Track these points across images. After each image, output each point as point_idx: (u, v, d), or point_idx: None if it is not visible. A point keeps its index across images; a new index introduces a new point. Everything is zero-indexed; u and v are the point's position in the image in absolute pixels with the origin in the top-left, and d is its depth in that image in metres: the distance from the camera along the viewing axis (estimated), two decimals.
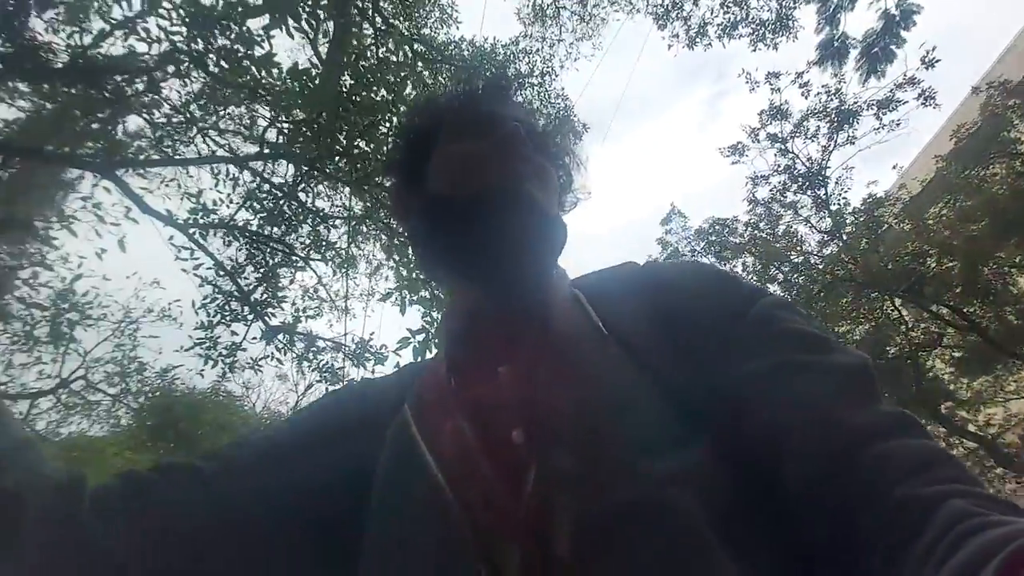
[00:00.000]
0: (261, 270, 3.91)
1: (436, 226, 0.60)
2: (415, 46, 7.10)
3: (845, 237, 9.40)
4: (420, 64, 7.35)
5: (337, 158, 3.33)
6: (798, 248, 9.87)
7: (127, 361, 6.20)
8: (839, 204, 9.43)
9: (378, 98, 3.30)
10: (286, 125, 3.30)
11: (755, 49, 6.85)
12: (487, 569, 0.42)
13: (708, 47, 6.74)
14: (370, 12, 6.83)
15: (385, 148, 3.51)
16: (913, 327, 9.04)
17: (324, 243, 3.89)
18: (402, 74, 3.27)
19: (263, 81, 3.10)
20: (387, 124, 3.37)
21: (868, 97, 8.71)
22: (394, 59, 3.50)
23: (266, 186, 3.66)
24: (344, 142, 3.33)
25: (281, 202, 3.69)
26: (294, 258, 3.87)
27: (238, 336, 3.87)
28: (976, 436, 8.81)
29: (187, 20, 2.93)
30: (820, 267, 9.28)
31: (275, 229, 3.76)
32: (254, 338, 3.94)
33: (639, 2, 7.15)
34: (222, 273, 3.65)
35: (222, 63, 2.99)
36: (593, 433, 0.46)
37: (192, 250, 3.54)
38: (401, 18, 7.25)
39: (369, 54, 3.64)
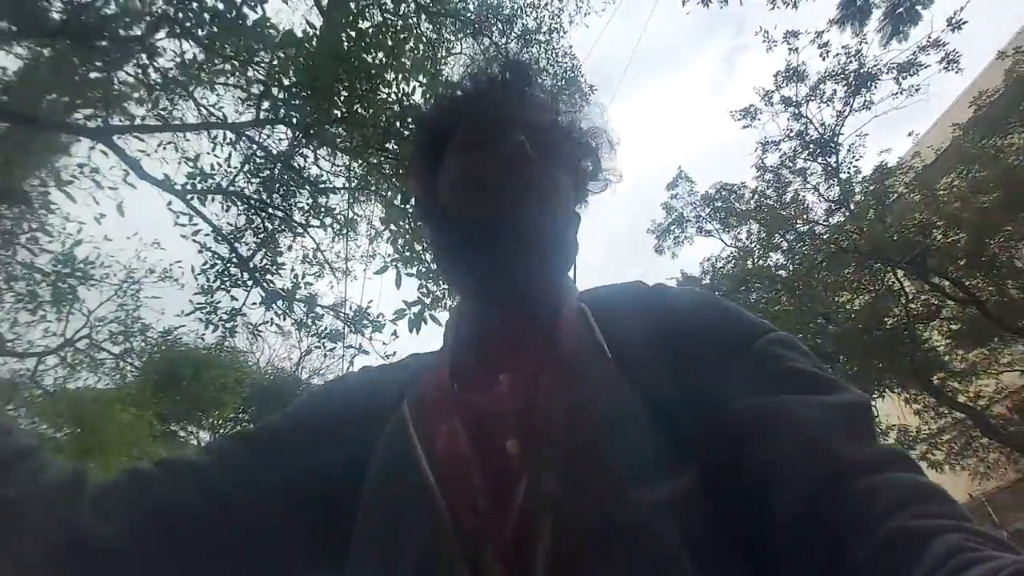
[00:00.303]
0: (260, 235, 3.89)
1: (443, 237, 0.62)
2: None
3: (853, 206, 9.25)
4: (424, 17, 7.05)
5: (335, 124, 3.24)
6: (804, 216, 9.74)
7: (130, 321, 6.27)
8: (849, 173, 9.23)
9: (376, 61, 3.18)
10: (281, 92, 3.20)
11: (773, 6, 6.52)
12: (471, 573, 0.42)
13: (724, 4, 6.41)
14: None
15: (385, 113, 3.41)
16: (913, 299, 9.03)
17: (323, 209, 3.85)
18: (402, 36, 3.14)
19: (258, 48, 2.98)
20: (386, 88, 3.26)
21: (889, 60, 8.36)
22: (393, 20, 3.33)
23: (262, 152, 3.59)
24: (343, 107, 3.23)
25: (278, 169, 3.62)
26: (293, 224, 3.85)
27: (238, 301, 3.92)
28: (965, 407, 8.97)
29: None
30: (824, 237, 9.18)
31: (274, 195, 3.71)
32: (254, 303, 3.99)
33: None
34: (220, 239, 3.64)
35: (214, 29, 2.86)
36: (586, 452, 0.46)
37: (190, 215, 3.52)
38: None
39: (367, 14, 3.49)
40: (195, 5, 2.76)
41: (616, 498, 0.43)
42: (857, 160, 9.21)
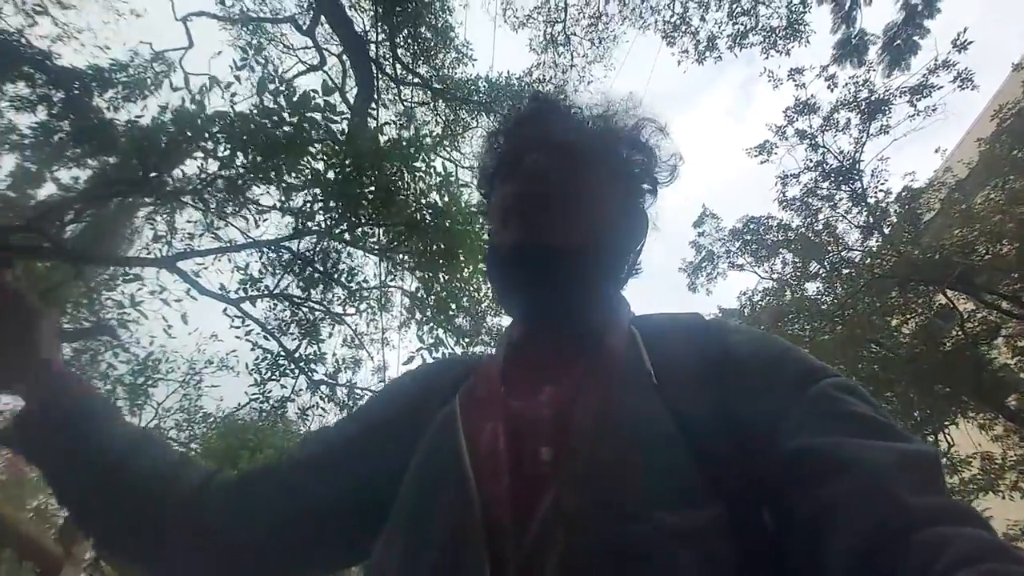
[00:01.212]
0: (303, 327, 4.34)
1: (488, 262, 0.69)
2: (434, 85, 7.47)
3: (886, 230, 9.06)
4: (441, 103, 7.71)
5: (362, 227, 3.70)
6: (837, 243, 9.56)
7: (193, 409, 6.88)
8: (876, 197, 9.10)
9: (395, 170, 3.62)
10: (316, 203, 3.71)
11: (767, 57, 6.78)
12: (492, 566, 0.43)
13: (718, 60, 6.73)
14: (390, 60, 7.25)
15: (405, 213, 3.83)
16: (968, 318, 8.60)
17: (358, 298, 4.30)
18: (412, 149, 3.58)
19: (303, 167, 3.49)
20: (405, 191, 3.69)
21: (900, 84, 8.39)
22: (407, 136, 3.80)
23: (300, 258, 4.10)
24: (368, 211, 3.68)
25: (313, 271, 4.10)
26: (331, 314, 4.29)
27: (287, 389, 4.35)
28: None
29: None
30: (861, 263, 8.98)
31: (311, 292, 4.19)
32: (300, 389, 4.41)
33: (648, 19, 7.20)
34: (268, 337, 4.13)
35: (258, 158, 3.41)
36: (612, 468, 0.47)
37: (243, 318, 4.04)
38: (420, 62, 7.63)
39: (384, 130, 4.01)
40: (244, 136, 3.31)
41: (636, 518, 0.44)
42: (882, 184, 9.08)
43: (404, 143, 3.55)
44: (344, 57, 7.13)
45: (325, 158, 3.47)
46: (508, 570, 0.43)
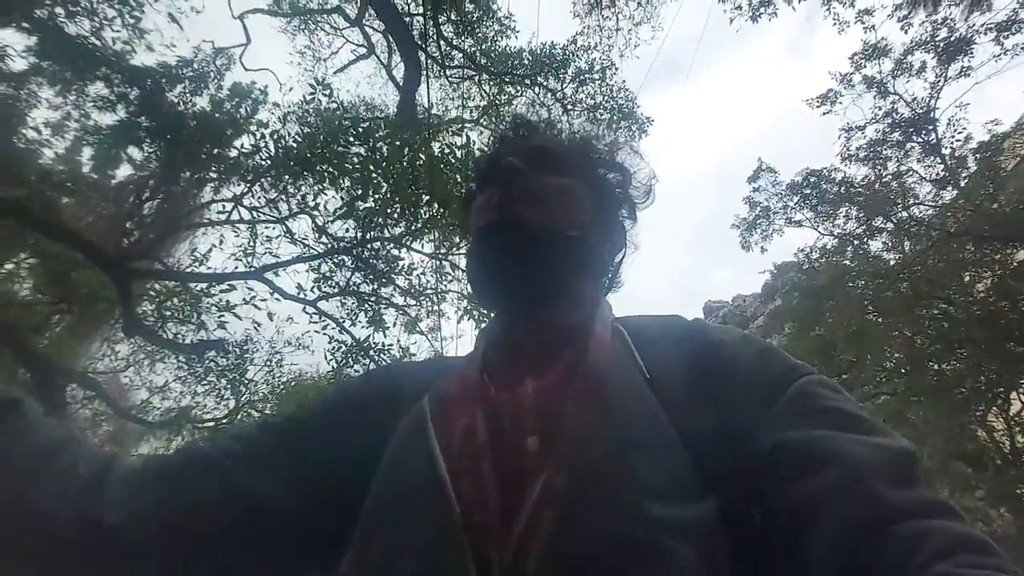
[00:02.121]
0: (369, 316, 4.83)
1: (467, 258, 0.69)
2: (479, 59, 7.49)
3: (963, 183, 8.44)
4: (485, 77, 7.74)
5: (421, 230, 4.06)
6: (906, 198, 9.02)
7: (279, 386, 7.80)
8: (952, 147, 8.43)
9: (449, 178, 3.88)
10: (377, 208, 4.07)
11: (829, 10, 6.31)
12: (476, 568, 0.42)
13: (773, 16, 6.33)
14: (434, 37, 7.30)
15: (459, 213, 4.09)
16: None
17: (416, 292, 4.72)
18: (463, 154, 3.79)
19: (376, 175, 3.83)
20: (457, 197, 3.95)
21: (985, 21, 7.57)
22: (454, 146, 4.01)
23: (361, 262, 4.54)
24: (424, 215, 3.99)
25: (375, 271, 4.52)
26: (395, 305, 4.74)
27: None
28: None
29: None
30: (932, 219, 8.47)
31: (377, 287, 4.64)
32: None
33: None
34: (342, 331, 4.65)
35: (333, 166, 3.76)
36: (608, 461, 0.46)
37: (319, 314, 4.57)
38: (464, 37, 7.63)
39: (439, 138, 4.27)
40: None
41: (629, 510, 0.43)
42: (959, 133, 8.38)
43: (457, 149, 3.78)
44: (390, 39, 7.26)
45: (383, 173, 3.77)
46: (493, 569, 0.42)
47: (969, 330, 8.34)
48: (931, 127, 8.40)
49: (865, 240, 9.59)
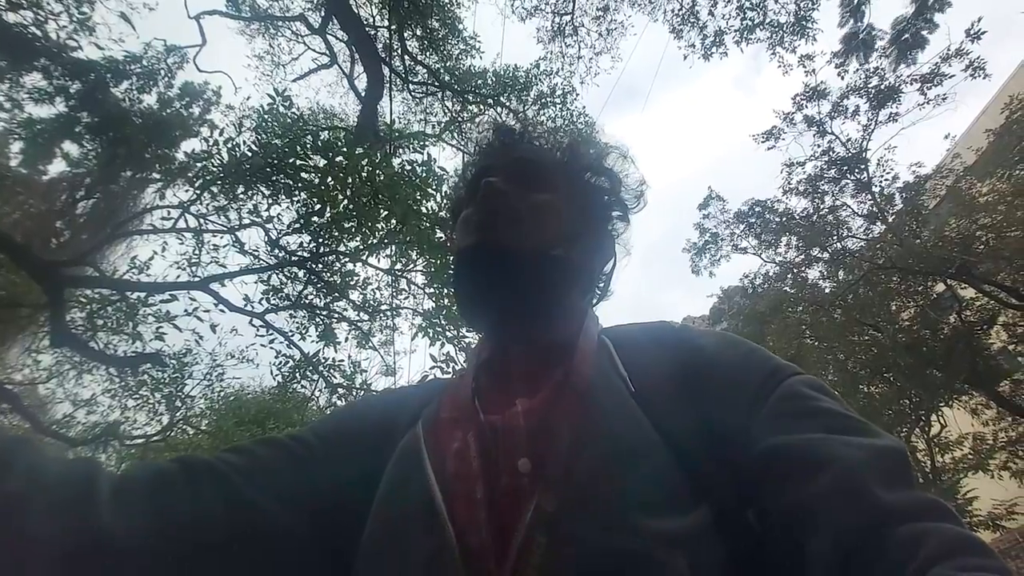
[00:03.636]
0: (320, 330, 4.68)
1: (453, 279, 0.68)
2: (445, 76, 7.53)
3: (890, 219, 9.13)
4: (448, 94, 7.78)
5: (376, 246, 3.98)
6: (840, 230, 9.65)
7: (218, 400, 7.40)
8: (880, 186, 9.13)
9: (408, 193, 3.85)
10: (332, 223, 3.98)
11: (774, 54, 6.76)
12: None
13: (724, 56, 6.71)
14: (399, 52, 7.30)
15: (417, 230, 4.07)
16: (967, 306, 8.77)
17: (370, 307, 4.62)
18: (424, 172, 3.79)
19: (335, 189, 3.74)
20: (416, 214, 3.93)
21: (911, 72, 8.29)
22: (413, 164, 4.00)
23: (314, 275, 4.42)
24: (381, 229, 3.94)
25: (328, 286, 4.41)
26: (347, 320, 4.62)
27: (307, 390, 4.72)
28: None
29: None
30: (863, 252, 9.10)
31: (328, 300, 4.52)
32: (320, 390, 4.79)
33: (658, 4, 7.14)
34: (290, 345, 4.48)
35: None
36: (597, 480, 0.46)
37: (266, 326, 4.38)
38: (428, 54, 7.66)
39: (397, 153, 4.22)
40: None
41: (622, 525, 0.43)
42: (888, 173, 9.09)
43: (418, 167, 3.77)
44: (353, 50, 7.20)
45: (341, 186, 3.71)
46: None
47: (896, 356, 8.95)
48: (863, 166, 9.06)
49: (803, 269, 10.17)
